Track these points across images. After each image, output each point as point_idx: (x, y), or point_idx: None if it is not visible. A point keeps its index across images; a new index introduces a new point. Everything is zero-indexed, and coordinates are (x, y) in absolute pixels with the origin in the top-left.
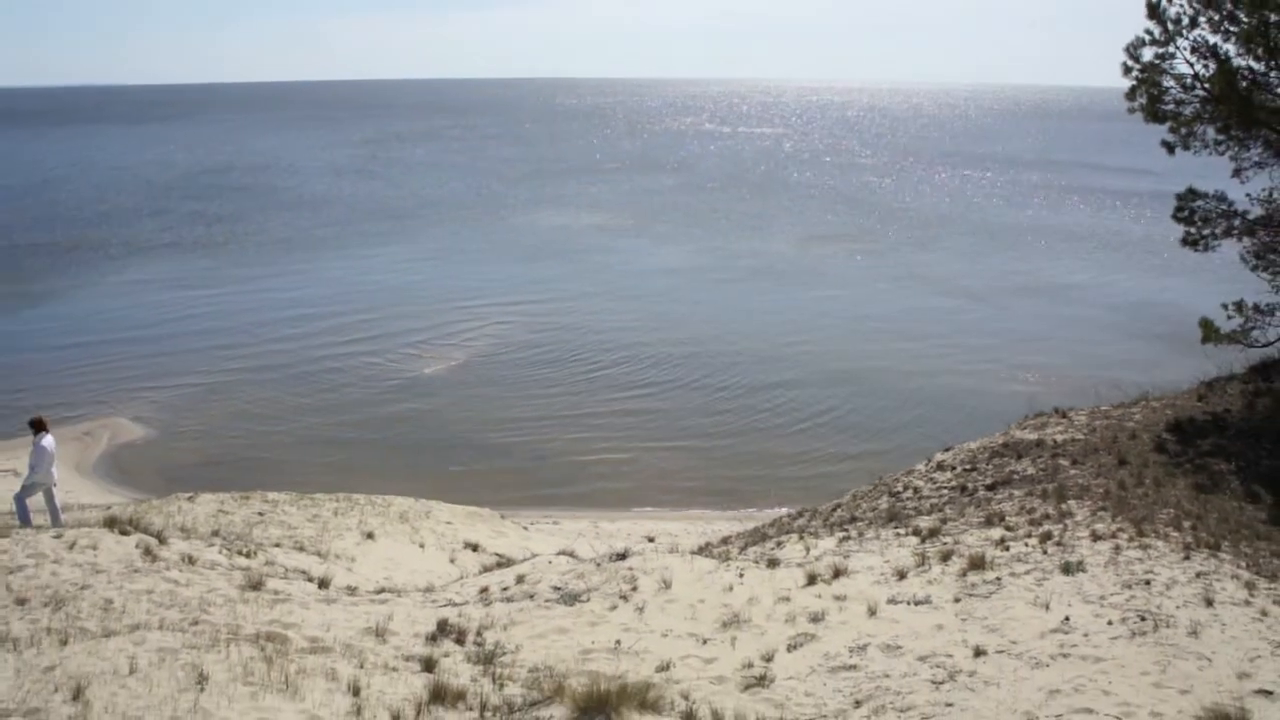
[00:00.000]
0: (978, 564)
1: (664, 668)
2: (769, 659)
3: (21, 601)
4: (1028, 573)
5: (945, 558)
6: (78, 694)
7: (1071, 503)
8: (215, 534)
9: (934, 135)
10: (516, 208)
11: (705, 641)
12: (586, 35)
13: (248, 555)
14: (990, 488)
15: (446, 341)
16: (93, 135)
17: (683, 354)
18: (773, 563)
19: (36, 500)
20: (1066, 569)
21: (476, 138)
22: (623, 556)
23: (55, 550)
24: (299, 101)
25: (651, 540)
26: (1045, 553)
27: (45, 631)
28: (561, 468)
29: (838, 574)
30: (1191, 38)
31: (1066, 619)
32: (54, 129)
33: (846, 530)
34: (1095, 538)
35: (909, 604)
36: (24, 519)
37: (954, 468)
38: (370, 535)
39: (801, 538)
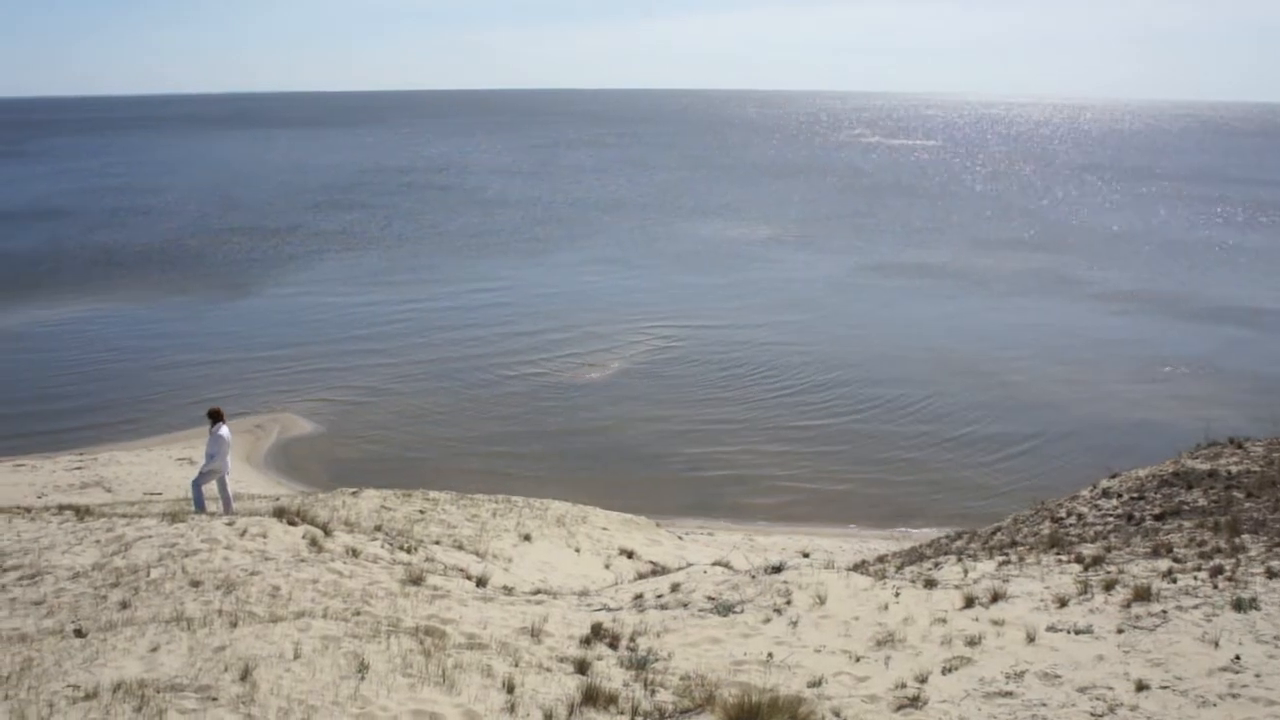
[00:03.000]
0: (1143, 595)
1: (816, 683)
2: (923, 680)
3: (195, 584)
4: (1196, 607)
5: (1108, 587)
6: (245, 675)
7: (1245, 537)
8: (378, 529)
9: (1105, 150)
10: (681, 216)
11: (858, 659)
12: (752, 48)
13: (408, 551)
14: (1158, 517)
15: (609, 349)
16: (271, 139)
17: (844, 369)
18: (930, 583)
19: (210, 487)
20: (1238, 605)
21: (643, 146)
22: (778, 570)
23: (227, 536)
24: (461, 109)
25: (806, 555)
26: (1215, 587)
27: (217, 613)
28: (717, 479)
29: (996, 598)
30: None
31: (1237, 658)
32: (236, 132)
33: (1006, 554)
34: (1270, 575)
35: (1069, 632)
36: (199, 505)
37: (1120, 495)
38: (527, 537)
39: (960, 559)
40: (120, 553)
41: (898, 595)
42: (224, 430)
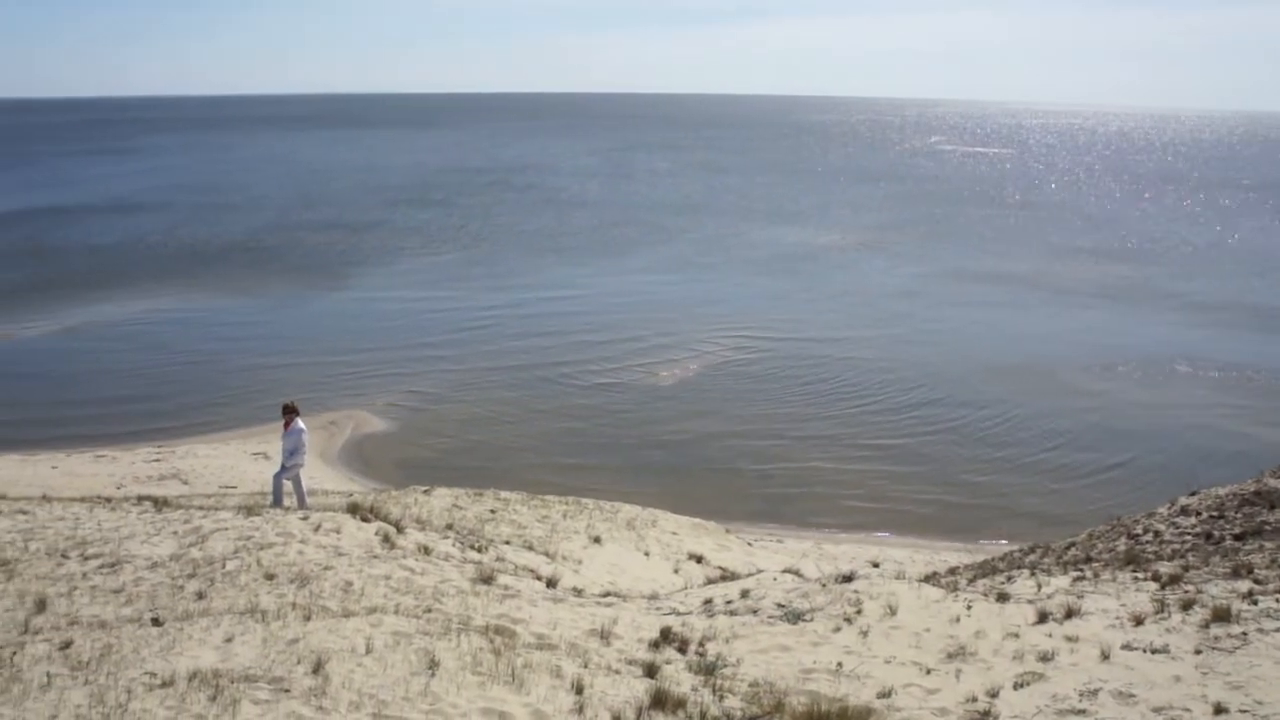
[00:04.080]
0: (1222, 616)
1: (885, 694)
2: (994, 695)
3: (270, 576)
4: (1278, 630)
5: (1186, 607)
6: (318, 668)
7: None
8: (449, 527)
9: (1188, 160)
10: (757, 221)
11: (929, 671)
12: (828, 55)
13: (479, 550)
14: (1238, 537)
15: (681, 354)
16: (347, 139)
17: (921, 389)
18: (1002, 597)
19: (285, 483)
20: None
21: (719, 151)
22: (848, 579)
23: (302, 531)
24: (537, 112)
25: (876, 565)
26: None
27: (290, 606)
28: (788, 491)
29: (1070, 614)
30: None
31: None
32: (311, 133)
33: (1081, 570)
34: None
35: (1145, 651)
36: (278, 499)
37: (1199, 513)
38: (597, 539)
39: (1033, 574)
40: (197, 544)
41: (969, 608)
42: (302, 424)
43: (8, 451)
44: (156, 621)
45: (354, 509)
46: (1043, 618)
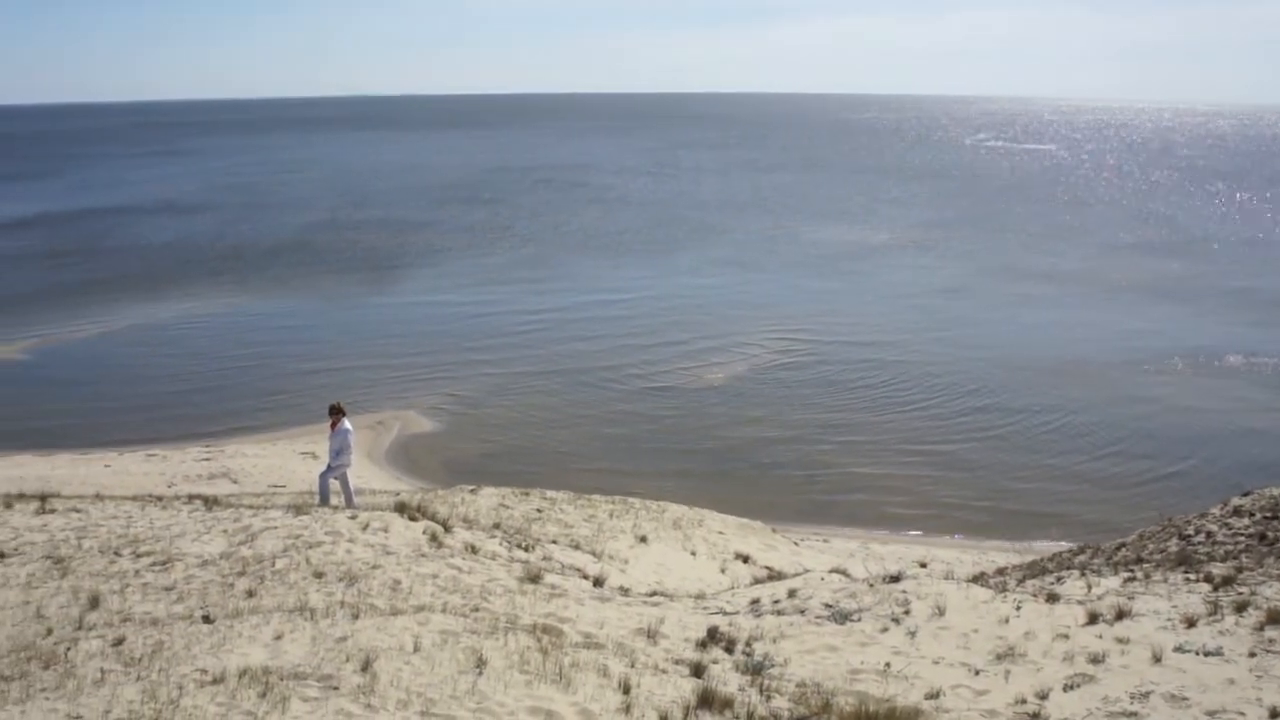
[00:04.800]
0: (1277, 618)
1: (933, 695)
2: (1043, 697)
3: (319, 575)
4: None
5: (1240, 609)
6: (366, 666)
7: None
8: (496, 526)
9: (1238, 156)
10: (802, 219)
11: (977, 673)
12: (874, 53)
13: (526, 549)
14: None
15: (727, 353)
16: (396, 140)
17: (967, 377)
18: (1052, 598)
19: (331, 482)
20: None
21: (764, 149)
22: (896, 579)
23: (350, 530)
24: (582, 112)
25: (924, 565)
26: None
27: (339, 605)
28: (834, 491)
29: (1121, 615)
30: None
31: None
32: (362, 134)
33: (1132, 571)
34: None
35: (1197, 654)
36: (324, 498)
37: (1253, 514)
38: (643, 539)
39: (1083, 574)
40: (247, 543)
41: (1018, 609)
42: (348, 425)
43: (62, 451)
44: (207, 619)
45: (401, 508)
46: (1093, 619)
